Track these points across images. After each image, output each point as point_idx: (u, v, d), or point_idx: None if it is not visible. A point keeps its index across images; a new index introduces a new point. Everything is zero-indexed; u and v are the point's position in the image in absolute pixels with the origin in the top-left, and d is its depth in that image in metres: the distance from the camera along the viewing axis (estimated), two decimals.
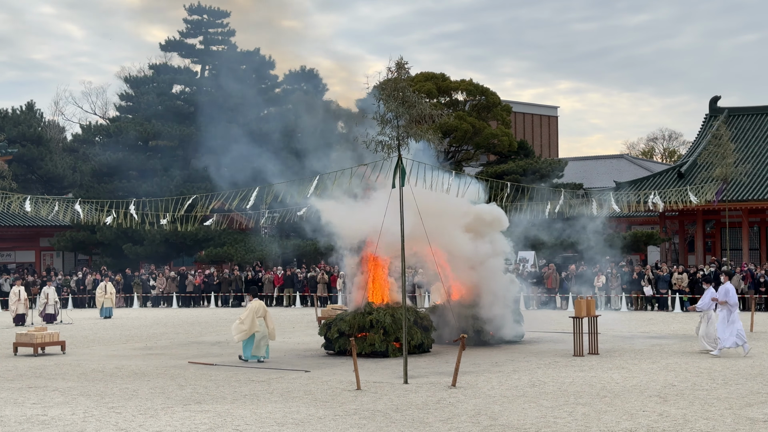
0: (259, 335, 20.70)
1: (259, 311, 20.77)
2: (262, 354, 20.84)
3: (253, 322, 20.55)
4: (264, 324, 20.80)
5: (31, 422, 13.68)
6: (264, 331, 20.78)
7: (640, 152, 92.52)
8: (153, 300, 44.77)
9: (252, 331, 20.56)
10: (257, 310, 20.76)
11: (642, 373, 18.01)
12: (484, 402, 14.79)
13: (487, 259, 24.04)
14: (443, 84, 50.55)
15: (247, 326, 20.53)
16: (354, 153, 21.21)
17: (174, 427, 13.13)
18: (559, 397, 15.14)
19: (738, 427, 12.57)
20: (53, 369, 20.19)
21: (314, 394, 15.88)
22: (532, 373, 18.11)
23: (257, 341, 20.74)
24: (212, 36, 54.72)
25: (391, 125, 17.22)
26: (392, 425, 13.03)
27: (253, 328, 20.56)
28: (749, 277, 36.14)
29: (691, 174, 43.66)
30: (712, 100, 49.73)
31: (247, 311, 20.84)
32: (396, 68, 17.51)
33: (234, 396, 15.85)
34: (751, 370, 18.12)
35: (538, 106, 79.59)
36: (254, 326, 20.57)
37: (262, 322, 20.74)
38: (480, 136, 49.63)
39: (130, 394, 16.22)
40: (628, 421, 13.00)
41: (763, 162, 44.56)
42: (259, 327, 20.66)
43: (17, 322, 33.31)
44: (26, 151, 57.35)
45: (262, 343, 20.81)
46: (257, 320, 20.65)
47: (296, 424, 13.19)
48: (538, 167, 47.30)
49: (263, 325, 20.77)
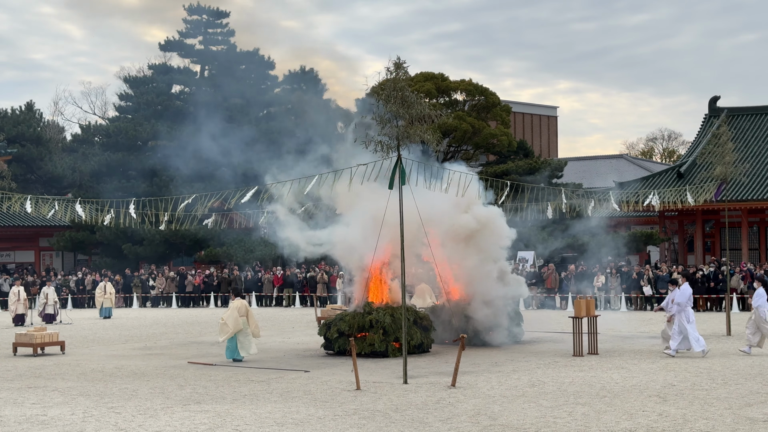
0: (242, 334, 20.95)
1: (240, 310, 21.01)
2: (250, 352, 21.10)
3: (236, 322, 20.76)
4: (246, 323, 21.02)
5: (31, 422, 13.68)
6: (246, 330, 21.02)
7: (639, 152, 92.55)
8: (152, 300, 44.77)
9: (235, 330, 20.79)
10: (239, 309, 20.99)
11: (641, 373, 18.02)
12: (483, 402, 14.79)
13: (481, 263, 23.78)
14: (443, 84, 50.56)
15: (231, 326, 20.75)
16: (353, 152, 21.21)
17: (173, 427, 13.13)
18: (559, 397, 15.14)
19: (737, 426, 12.57)
20: (53, 369, 20.18)
21: (314, 394, 15.87)
22: (531, 373, 18.11)
23: (241, 340, 20.99)
24: (212, 36, 54.74)
25: (391, 125, 17.20)
26: (392, 425, 13.03)
27: (236, 328, 20.78)
28: (749, 277, 36.15)
29: (690, 174, 43.66)
30: (711, 100, 49.74)
31: (229, 311, 21.07)
32: (394, 68, 17.48)
33: (233, 396, 15.85)
34: (750, 370, 18.13)
35: (538, 106, 79.62)
36: (237, 325, 20.78)
37: (244, 321, 20.96)
38: (479, 136, 49.64)
39: (129, 394, 16.22)
40: (628, 421, 13.00)
41: (763, 162, 44.57)
42: (242, 326, 20.87)
43: (17, 323, 33.31)
44: (26, 151, 57.33)
45: (245, 341, 21.03)
46: (240, 319, 20.86)
47: (296, 424, 13.19)
48: (537, 167, 47.29)
49: (246, 323, 21.00)
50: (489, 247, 24.00)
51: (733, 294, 35.05)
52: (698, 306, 36.70)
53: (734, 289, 35.47)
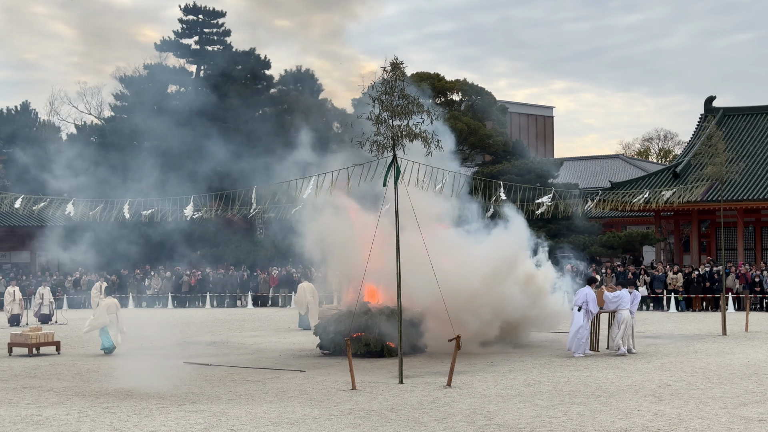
0: (111, 328, 23.34)
1: (110, 308, 23.58)
2: (117, 343, 23.43)
3: (104, 317, 23.34)
4: (116, 319, 23.51)
5: (26, 422, 13.66)
6: (115, 325, 23.44)
7: (635, 152, 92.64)
8: (148, 300, 44.72)
9: (103, 324, 23.25)
10: (109, 307, 23.59)
11: (637, 372, 18.03)
12: (479, 402, 14.79)
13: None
14: (438, 84, 50.51)
15: (98, 321, 23.34)
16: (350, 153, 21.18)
17: (169, 427, 13.11)
18: (555, 397, 15.14)
19: (732, 426, 12.59)
20: (48, 369, 20.16)
21: (309, 394, 15.87)
22: (527, 373, 18.12)
23: (113, 335, 23.38)
24: (207, 36, 54.70)
25: (386, 125, 17.20)
26: (387, 425, 13.03)
27: (104, 322, 23.27)
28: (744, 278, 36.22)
29: (686, 174, 43.71)
30: (707, 100, 49.78)
31: (100, 308, 23.66)
32: (391, 68, 17.48)
33: (229, 396, 15.84)
34: (746, 370, 18.15)
35: (534, 107, 79.61)
36: (105, 320, 23.30)
37: (113, 318, 23.46)
38: (475, 136, 49.61)
39: (124, 394, 16.19)
40: (623, 421, 13.01)
41: (758, 162, 44.62)
42: (109, 321, 23.35)
43: (12, 323, 33.26)
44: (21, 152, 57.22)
45: (112, 334, 23.40)
46: (109, 316, 23.39)
47: (291, 424, 13.18)
48: (533, 167, 47.30)
49: (114, 320, 23.48)
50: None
51: (729, 294, 35.10)
52: (694, 306, 36.80)
53: (730, 289, 35.54)
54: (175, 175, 46.01)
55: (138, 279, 45.38)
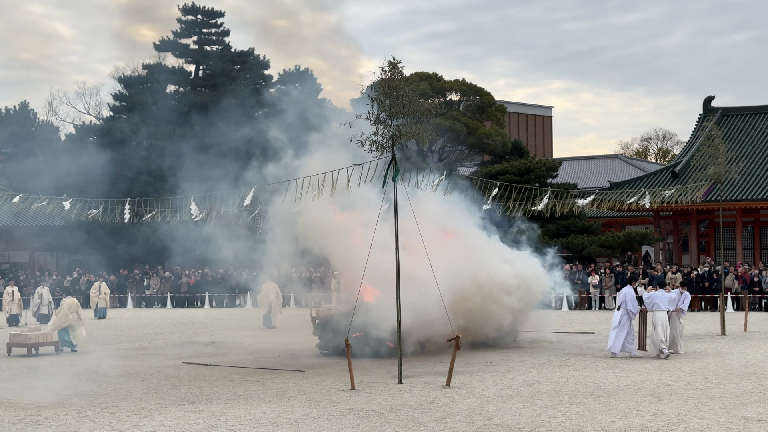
0: (72, 328, 24.00)
1: (72, 307, 24.27)
2: (77, 342, 24.03)
3: (66, 317, 23.96)
4: (77, 317, 24.21)
5: (25, 422, 13.65)
6: (76, 324, 24.14)
7: (634, 152, 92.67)
8: (147, 300, 44.72)
9: (65, 324, 23.90)
10: (70, 306, 24.25)
11: (636, 372, 18.03)
12: (478, 402, 14.80)
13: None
14: (437, 84, 50.55)
15: (60, 320, 24.01)
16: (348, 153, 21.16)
17: (168, 427, 13.11)
18: (554, 397, 15.15)
19: (731, 426, 12.59)
20: (47, 369, 20.15)
21: (308, 394, 15.86)
22: (526, 373, 18.12)
23: (74, 334, 24.03)
24: (206, 36, 54.67)
25: (385, 125, 17.19)
26: (386, 425, 13.03)
27: (66, 322, 23.92)
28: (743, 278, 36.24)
29: (685, 174, 43.72)
30: (706, 100, 49.80)
31: (62, 308, 24.32)
32: (389, 68, 17.48)
33: (228, 396, 15.83)
34: (744, 370, 18.16)
35: (533, 107, 79.64)
36: (68, 320, 23.96)
37: (75, 317, 24.14)
38: (474, 136, 49.63)
39: (124, 394, 16.19)
40: (622, 421, 13.02)
41: (757, 162, 44.65)
42: (72, 321, 24.02)
43: (11, 323, 33.26)
44: (19, 151, 57.22)
45: (77, 333, 24.15)
46: (71, 315, 24.02)
47: (290, 424, 13.18)
48: (532, 167, 47.31)
49: (76, 318, 24.19)
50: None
51: (728, 294, 35.11)
52: (693, 306, 36.77)
53: (728, 289, 35.55)
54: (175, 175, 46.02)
55: (137, 279, 45.34)
